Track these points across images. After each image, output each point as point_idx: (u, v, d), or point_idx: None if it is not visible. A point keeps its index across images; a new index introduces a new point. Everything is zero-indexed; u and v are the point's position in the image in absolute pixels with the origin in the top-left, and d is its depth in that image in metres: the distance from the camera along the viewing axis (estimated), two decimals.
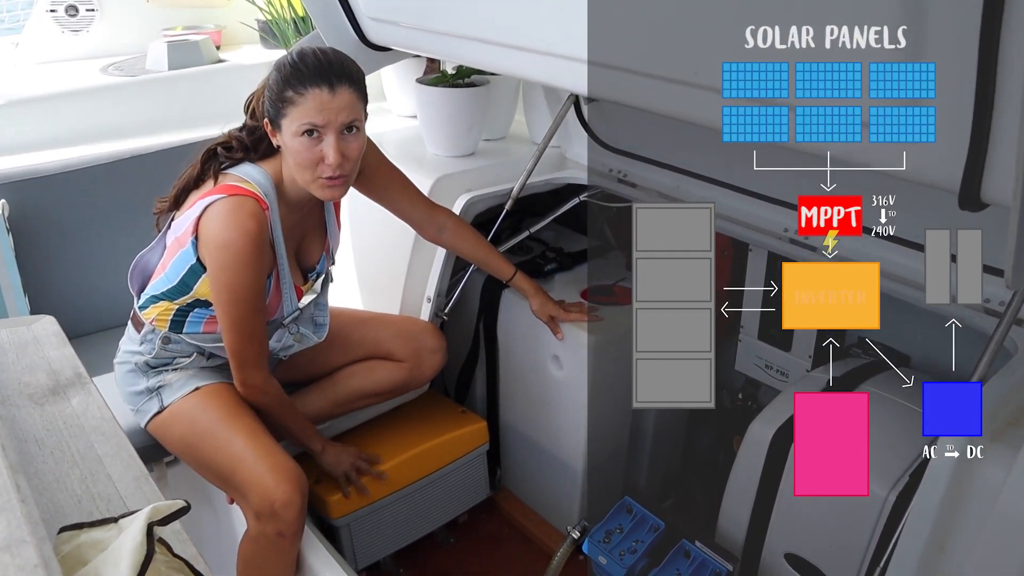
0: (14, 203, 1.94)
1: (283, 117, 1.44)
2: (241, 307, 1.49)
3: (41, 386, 1.24)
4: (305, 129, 1.42)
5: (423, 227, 1.80)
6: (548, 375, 1.92)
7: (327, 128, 1.42)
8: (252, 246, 1.46)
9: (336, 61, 1.45)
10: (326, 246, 1.67)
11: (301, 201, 1.56)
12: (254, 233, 1.45)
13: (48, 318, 1.43)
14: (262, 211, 1.48)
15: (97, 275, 2.05)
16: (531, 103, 2.20)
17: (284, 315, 1.61)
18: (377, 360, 1.81)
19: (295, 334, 1.63)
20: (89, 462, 1.07)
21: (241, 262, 1.45)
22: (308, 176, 1.46)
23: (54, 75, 2.61)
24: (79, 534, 0.85)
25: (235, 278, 1.47)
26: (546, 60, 1.48)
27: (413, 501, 1.88)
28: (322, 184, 1.47)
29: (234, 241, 1.44)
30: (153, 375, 1.63)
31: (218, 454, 1.54)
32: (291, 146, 1.45)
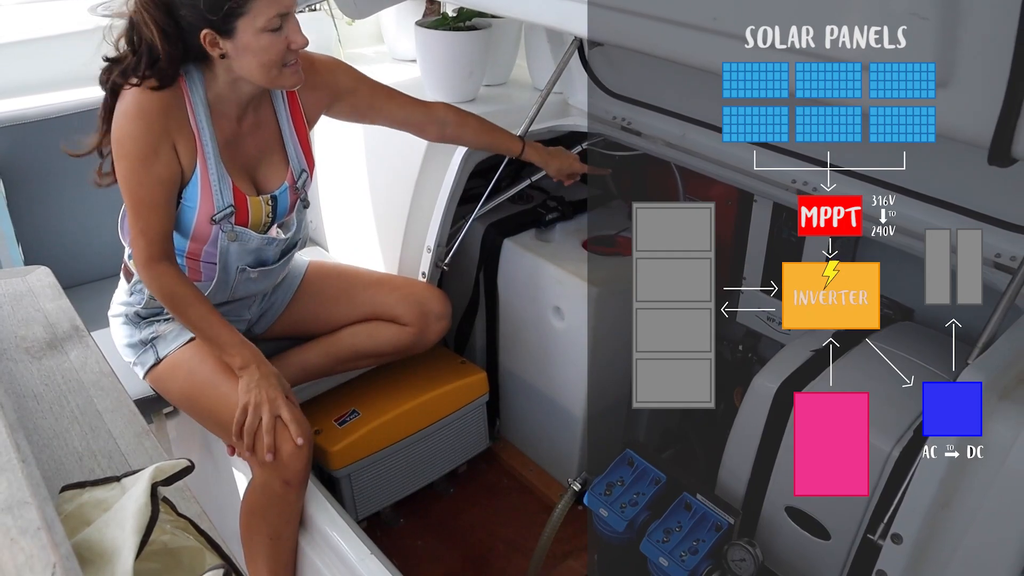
0: (5, 149, 1.89)
1: (240, 17, 1.37)
2: (130, 170, 1.44)
3: (38, 339, 1.22)
4: (275, 25, 1.39)
5: (424, 128, 1.76)
6: (549, 326, 1.91)
7: (288, 15, 1.41)
8: (148, 101, 1.42)
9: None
10: (288, 175, 1.61)
11: (236, 110, 1.52)
12: (155, 94, 1.42)
13: (43, 269, 1.41)
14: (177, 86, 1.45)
15: (92, 223, 2.02)
16: (533, 48, 2.14)
17: (215, 211, 1.52)
18: (382, 322, 1.78)
19: (228, 232, 1.54)
20: (89, 417, 1.06)
21: (135, 115, 1.42)
22: (276, 71, 1.43)
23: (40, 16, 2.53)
24: (81, 493, 0.84)
25: (125, 128, 1.43)
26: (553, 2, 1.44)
27: (413, 452, 1.88)
28: (291, 71, 1.44)
29: (132, 96, 1.42)
30: (145, 326, 1.62)
31: (219, 404, 1.52)
32: (255, 45, 1.40)
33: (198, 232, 1.52)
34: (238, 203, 1.52)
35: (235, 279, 1.58)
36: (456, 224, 1.97)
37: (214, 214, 1.51)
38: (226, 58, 1.42)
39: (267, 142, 1.58)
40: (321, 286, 1.78)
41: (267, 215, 1.58)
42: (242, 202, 1.53)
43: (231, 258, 1.56)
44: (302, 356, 1.76)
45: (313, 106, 1.63)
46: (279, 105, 1.59)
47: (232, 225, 1.53)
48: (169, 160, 1.46)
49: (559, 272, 1.86)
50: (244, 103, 1.52)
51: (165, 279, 1.48)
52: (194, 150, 1.47)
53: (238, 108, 1.52)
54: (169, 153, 1.45)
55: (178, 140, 1.46)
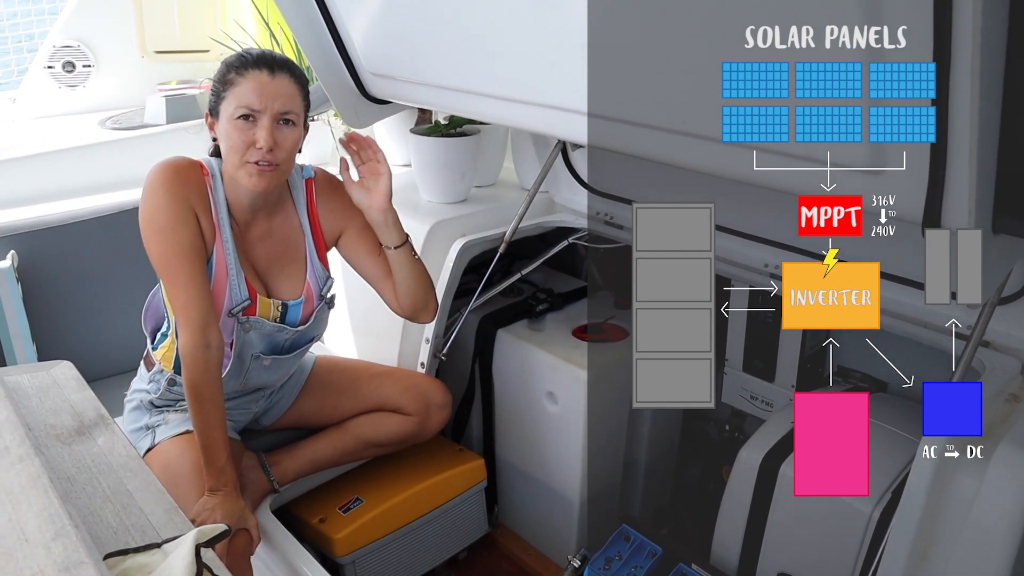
0: (22, 254, 1.99)
1: (222, 102, 1.47)
2: (163, 241, 1.48)
3: (66, 427, 1.28)
4: (241, 113, 1.45)
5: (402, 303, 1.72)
6: (543, 411, 1.99)
7: (263, 112, 1.45)
8: (171, 172, 1.48)
9: (281, 55, 1.51)
10: (305, 288, 1.65)
11: (245, 214, 1.57)
12: (177, 165, 1.49)
13: (65, 363, 1.48)
14: (197, 167, 1.52)
15: (102, 323, 2.10)
16: (520, 150, 2.29)
17: (232, 303, 1.56)
18: (385, 412, 1.83)
19: (244, 323, 1.58)
20: (120, 496, 1.12)
21: (159, 186, 1.47)
22: (236, 159, 1.47)
23: (54, 129, 2.68)
24: (124, 559, 0.91)
25: (153, 202, 1.47)
26: (542, 112, 1.55)
27: (415, 538, 1.92)
28: (249, 170, 1.47)
29: (155, 171, 1.49)
30: (156, 413, 1.67)
31: (180, 501, 1.51)
32: (225, 130, 1.47)
33: (222, 325, 1.55)
34: (250, 296, 1.59)
35: (249, 366, 1.64)
36: (452, 317, 2.07)
37: (232, 307, 1.56)
38: (216, 142, 1.53)
39: (282, 253, 1.64)
40: (328, 379, 1.85)
41: (275, 317, 1.63)
42: (253, 296, 1.59)
43: (246, 346, 1.61)
44: (311, 448, 1.81)
45: (330, 226, 1.68)
46: (303, 219, 1.65)
47: (247, 317, 1.59)
48: (196, 228, 1.51)
49: (552, 359, 1.94)
50: (248, 208, 1.57)
51: (197, 370, 1.49)
52: (212, 233, 1.53)
53: (247, 212, 1.58)
54: (195, 222, 1.51)
55: (200, 213, 1.51)
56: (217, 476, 1.52)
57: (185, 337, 1.49)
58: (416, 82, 1.75)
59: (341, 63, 1.86)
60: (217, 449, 1.52)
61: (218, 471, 1.52)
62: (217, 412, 1.52)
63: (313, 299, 1.67)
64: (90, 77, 2.98)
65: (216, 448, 1.52)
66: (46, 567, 0.80)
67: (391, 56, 1.79)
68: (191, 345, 1.49)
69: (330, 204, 1.68)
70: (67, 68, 2.93)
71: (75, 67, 2.94)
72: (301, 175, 1.67)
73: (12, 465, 0.98)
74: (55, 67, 2.92)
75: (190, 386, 1.50)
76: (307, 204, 1.66)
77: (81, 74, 2.96)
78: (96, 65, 2.99)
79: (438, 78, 1.68)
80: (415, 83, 1.75)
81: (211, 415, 1.51)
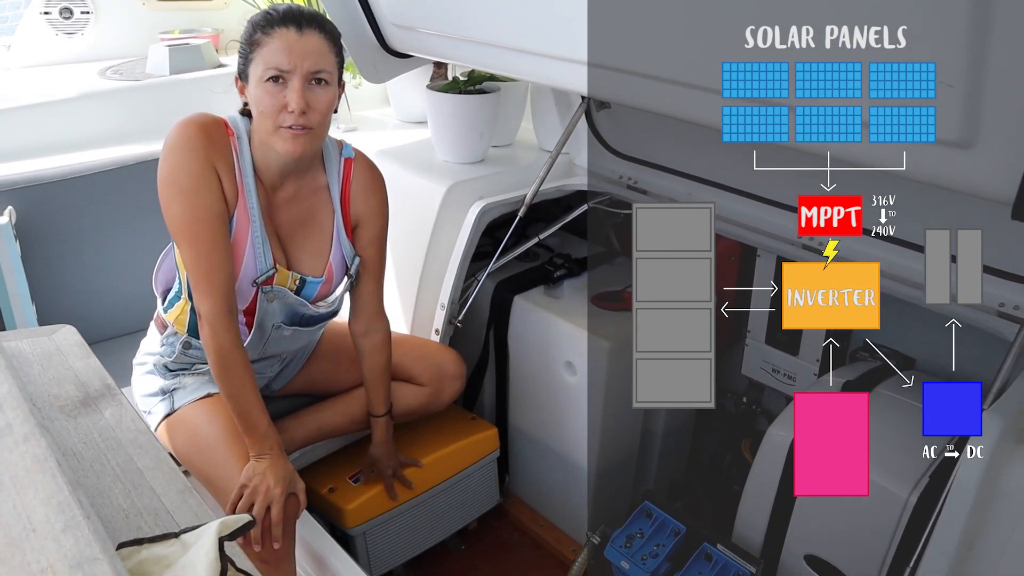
0: (20, 210, 1.92)
1: (250, 63, 1.38)
2: (186, 204, 1.40)
3: (71, 398, 1.22)
4: (270, 75, 1.36)
5: (358, 319, 1.67)
6: (561, 381, 1.93)
7: (293, 73, 1.36)
8: (196, 129, 1.40)
9: (309, 10, 1.41)
10: (328, 268, 1.58)
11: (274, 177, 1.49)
12: (202, 122, 1.41)
13: (68, 328, 1.42)
14: (222, 125, 1.44)
15: (104, 282, 2.04)
16: (540, 110, 2.21)
17: (257, 272, 1.50)
18: (398, 382, 1.78)
19: (268, 293, 1.51)
20: (131, 475, 1.07)
21: (183, 144, 1.39)
22: (269, 124, 1.39)
23: (51, 79, 2.58)
24: (139, 550, 0.85)
25: (175, 161, 1.40)
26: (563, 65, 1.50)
27: (426, 509, 1.88)
28: (283, 135, 1.38)
29: (177, 128, 1.41)
30: (170, 377, 1.61)
31: (217, 468, 1.49)
32: (256, 94, 1.38)
33: (239, 292, 1.49)
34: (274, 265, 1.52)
35: (270, 336, 1.58)
36: (467, 282, 2.01)
37: (256, 276, 1.49)
38: (247, 106, 1.44)
39: (306, 223, 1.56)
40: (339, 345, 1.79)
41: (291, 286, 1.56)
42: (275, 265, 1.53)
43: (267, 316, 1.55)
44: (318, 415, 1.76)
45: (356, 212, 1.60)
46: (335, 195, 1.57)
47: (270, 287, 1.52)
48: (219, 192, 1.43)
49: (571, 328, 1.89)
50: (278, 171, 1.49)
51: (225, 338, 1.43)
52: (235, 196, 1.45)
53: (275, 176, 1.49)
54: (218, 185, 1.43)
55: (223, 174, 1.43)
56: (261, 441, 1.46)
57: (210, 304, 1.42)
58: (440, 34, 1.67)
59: (361, 13, 1.77)
60: (255, 413, 1.46)
61: (261, 436, 1.46)
62: (250, 376, 1.47)
63: (333, 280, 1.60)
64: (88, 24, 2.86)
65: (254, 412, 1.46)
66: (56, 561, 0.75)
67: (414, 5, 1.70)
68: (217, 312, 1.42)
69: (363, 194, 1.59)
70: (64, 14, 2.81)
71: (73, 13, 2.82)
72: (340, 152, 1.58)
73: (16, 445, 0.92)
74: (51, 13, 2.80)
75: (219, 354, 1.44)
76: (342, 183, 1.57)
77: (79, 21, 2.84)
78: (95, 12, 2.87)
79: (462, 30, 1.60)
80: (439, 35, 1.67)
81: (245, 380, 1.46)
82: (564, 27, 1.44)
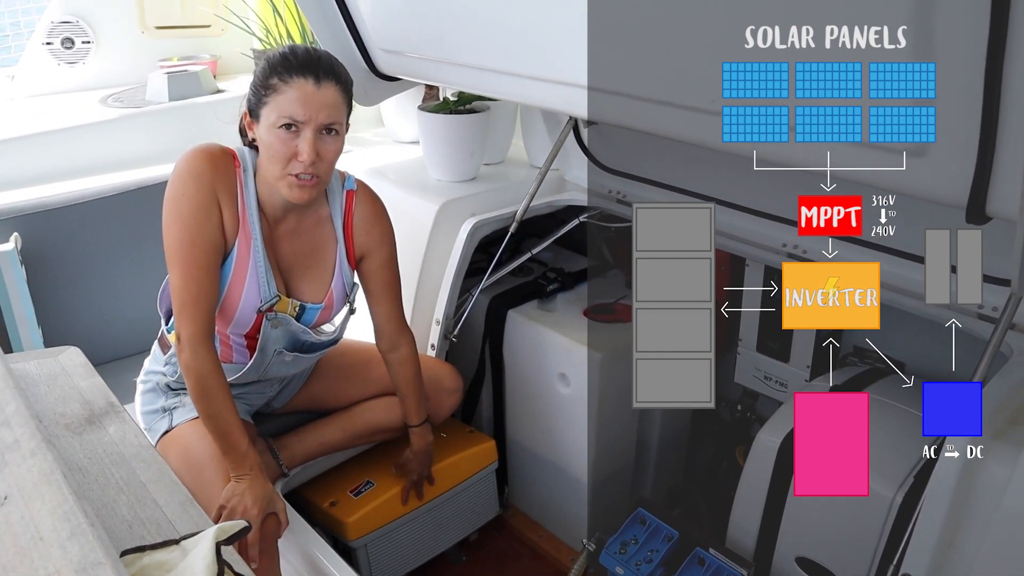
0: (26, 236, 1.96)
1: (263, 106, 1.40)
2: (184, 230, 1.43)
3: (76, 416, 1.26)
4: (284, 123, 1.39)
5: (383, 338, 1.72)
6: (555, 392, 1.97)
7: (307, 124, 1.39)
8: (204, 159, 1.43)
9: (326, 58, 1.42)
10: (328, 296, 1.61)
11: (276, 211, 1.52)
12: (210, 152, 1.44)
13: (73, 349, 1.46)
14: (230, 157, 1.47)
15: (108, 305, 2.08)
16: (529, 127, 2.25)
17: (261, 300, 1.53)
18: (396, 396, 1.81)
19: (272, 320, 1.55)
20: (134, 488, 1.10)
21: (190, 172, 1.43)
22: (278, 171, 1.41)
23: (54, 107, 2.64)
24: (141, 556, 0.89)
25: (180, 187, 1.43)
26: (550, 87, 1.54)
27: (427, 521, 1.91)
28: (291, 182, 1.42)
29: (187, 156, 1.44)
30: (171, 395, 1.65)
31: (200, 488, 1.50)
32: (266, 139, 1.41)
33: (241, 319, 1.53)
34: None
35: (271, 360, 1.61)
36: (462, 297, 2.05)
37: (260, 304, 1.53)
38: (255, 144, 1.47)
39: (308, 255, 1.59)
40: (339, 362, 1.82)
41: (291, 312, 1.59)
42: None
43: (270, 342, 1.58)
44: (320, 432, 1.79)
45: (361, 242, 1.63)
46: (338, 227, 1.60)
47: (274, 313, 1.55)
48: (218, 222, 1.46)
49: (565, 340, 1.92)
50: (281, 207, 1.52)
51: (205, 361, 1.46)
52: (235, 227, 1.48)
53: (278, 211, 1.53)
54: (217, 214, 1.46)
55: (225, 205, 1.46)
56: (240, 462, 1.49)
57: (193, 328, 1.45)
58: (427, 58, 1.71)
59: (350, 39, 1.82)
60: (235, 434, 1.49)
61: (240, 456, 1.49)
62: (228, 398, 1.49)
63: (333, 307, 1.63)
64: (89, 54, 2.93)
65: (234, 433, 1.48)
66: (62, 567, 0.78)
67: (402, 31, 1.75)
68: (199, 336, 1.45)
69: (366, 224, 1.62)
70: (66, 44, 2.88)
71: (74, 43, 2.89)
72: (343, 185, 1.61)
73: (24, 459, 0.96)
74: (54, 43, 2.87)
75: (199, 377, 1.46)
76: (344, 214, 1.61)
77: (80, 50, 2.91)
78: (95, 41, 2.93)
79: (449, 54, 1.64)
80: (426, 59, 1.72)
81: (224, 402, 1.48)
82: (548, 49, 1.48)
